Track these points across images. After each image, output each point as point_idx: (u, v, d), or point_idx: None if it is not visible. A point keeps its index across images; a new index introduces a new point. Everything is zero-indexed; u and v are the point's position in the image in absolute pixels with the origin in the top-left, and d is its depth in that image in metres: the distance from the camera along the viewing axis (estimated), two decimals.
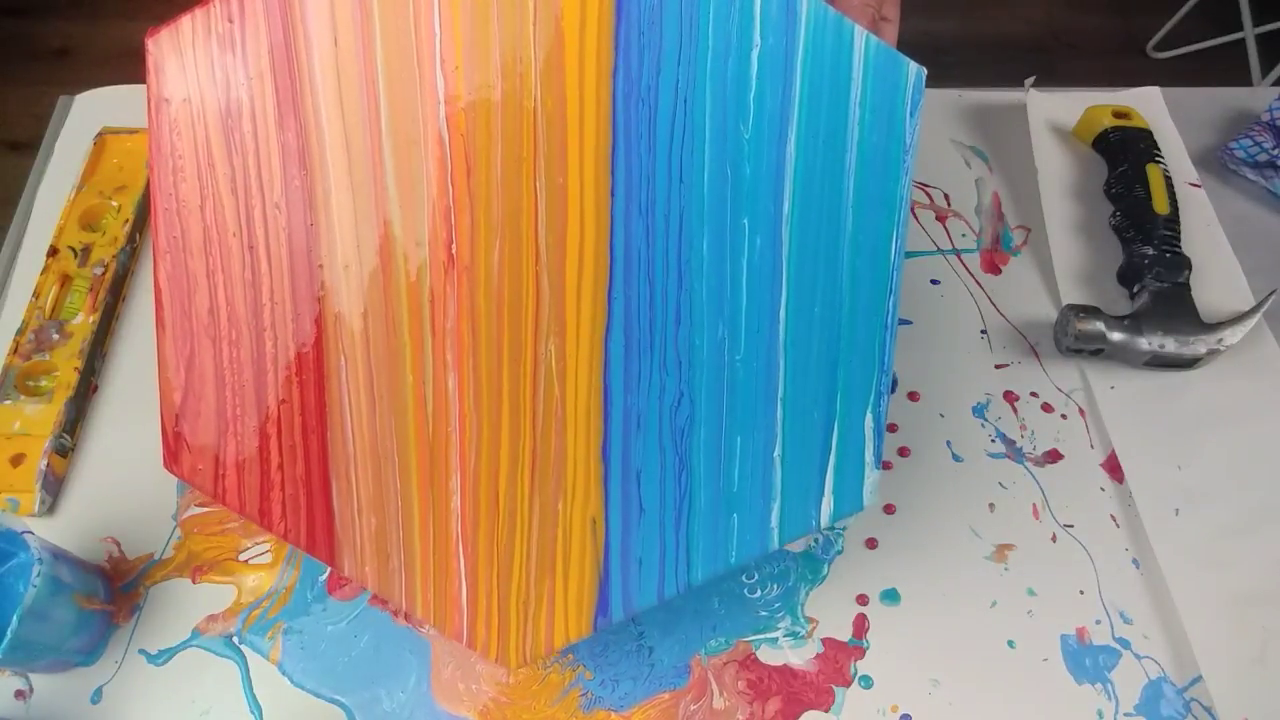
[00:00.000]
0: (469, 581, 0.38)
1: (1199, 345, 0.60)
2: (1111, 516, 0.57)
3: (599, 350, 0.38)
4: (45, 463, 0.54)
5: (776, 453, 0.39)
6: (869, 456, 0.40)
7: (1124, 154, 0.68)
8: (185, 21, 0.37)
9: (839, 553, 0.55)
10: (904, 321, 0.64)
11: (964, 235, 0.69)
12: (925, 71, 0.39)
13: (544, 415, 0.38)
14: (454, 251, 0.37)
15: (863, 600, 0.54)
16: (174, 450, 0.39)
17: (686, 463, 0.38)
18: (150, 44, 0.38)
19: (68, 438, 0.56)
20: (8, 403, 0.57)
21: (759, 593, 0.54)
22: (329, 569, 0.53)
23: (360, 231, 0.38)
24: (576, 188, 0.37)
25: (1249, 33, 1.83)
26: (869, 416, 0.39)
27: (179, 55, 0.37)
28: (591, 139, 0.37)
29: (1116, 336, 0.60)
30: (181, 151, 0.38)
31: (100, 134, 0.68)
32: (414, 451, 0.38)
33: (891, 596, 0.54)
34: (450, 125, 0.37)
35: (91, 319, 0.60)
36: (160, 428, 0.39)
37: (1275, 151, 0.70)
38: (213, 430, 0.39)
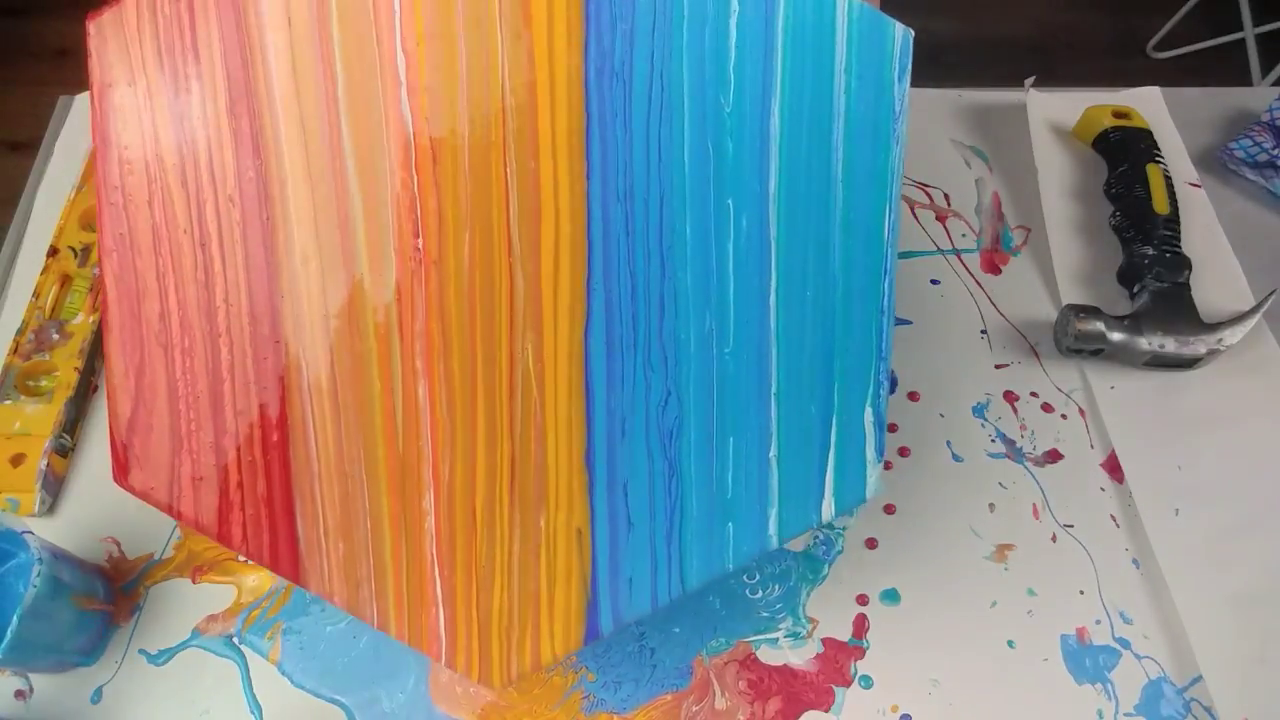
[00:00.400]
0: (446, 607, 0.35)
1: (1199, 345, 0.60)
2: (1111, 516, 0.57)
3: (579, 348, 0.35)
4: (45, 463, 0.54)
5: (772, 453, 0.37)
6: (870, 453, 0.37)
7: (1124, 154, 0.68)
8: (129, 3, 0.35)
9: (839, 553, 0.55)
10: (904, 321, 0.64)
11: (964, 235, 0.69)
12: (912, 33, 0.36)
13: (522, 422, 0.35)
14: (420, 245, 0.35)
15: (863, 600, 0.54)
16: (124, 464, 0.36)
17: (676, 468, 0.36)
18: (91, 27, 0.35)
19: (68, 438, 0.56)
20: (8, 403, 0.57)
21: (760, 593, 0.54)
22: None
23: (320, 224, 0.35)
24: (550, 173, 0.34)
25: (1249, 33, 1.83)
26: (869, 410, 0.37)
27: (123, 39, 0.34)
28: (564, 119, 0.34)
29: (1116, 336, 0.60)
30: (127, 142, 0.35)
31: None
32: (384, 467, 0.36)
33: (891, 596, 0.54)
34: (413, 107, 0.34)
35: (91, 319, 0.60)
36: (109, 440, 0.36)
37: (1275, 151, 0.70)
38: (166, 445, 0.36)
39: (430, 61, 0.34)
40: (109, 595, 0.51)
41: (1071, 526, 0.57)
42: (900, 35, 0.36)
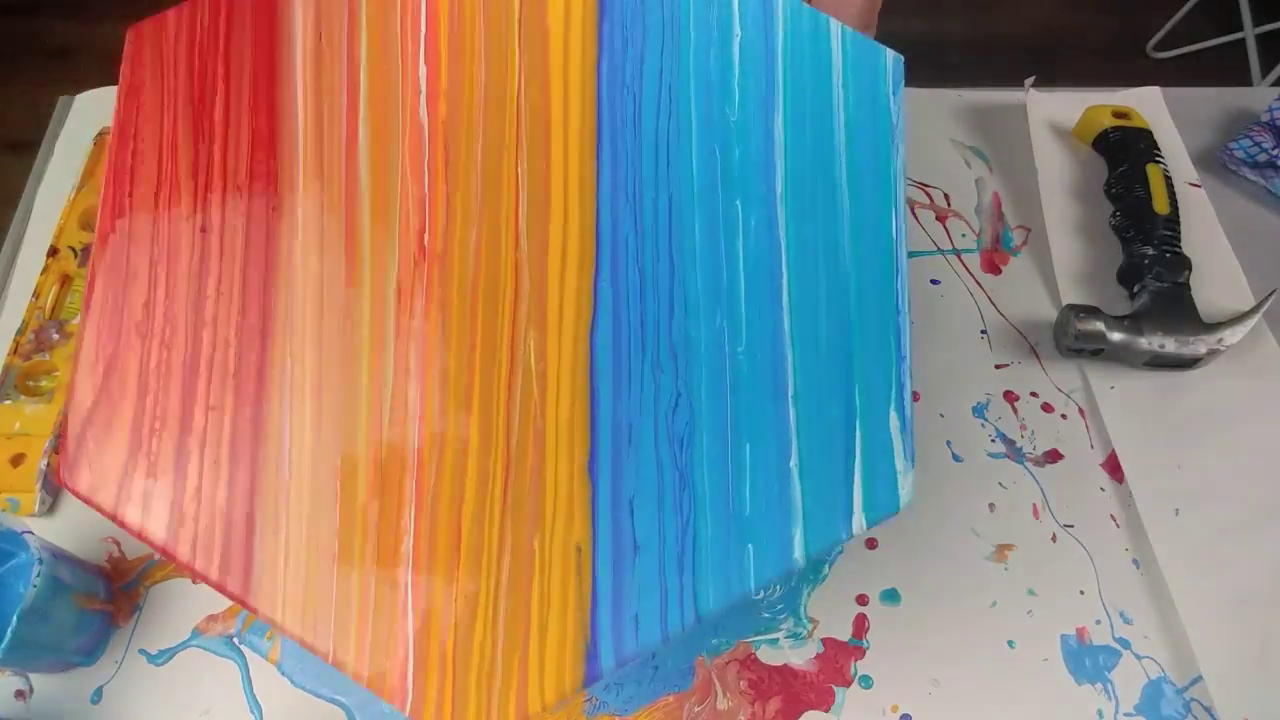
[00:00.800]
0: (417, 646, 0.31)
1: (1199, 345, 0.60)
2: (1111, 516, 0.57)
3: (584, 346, 0.34)
4: (45, 463, 0.54)
5: (793, 462, 0.34)
6: (900, 461, 0.35)
7: (1124, 154, 0.68)
8: (170, 15, 0.36)
9: (839, 553, 0.55)
10: None
11: (964, 235, 0.69)
12: (902, 59, 0.37)
13: (520, 425, 0.33)
14: (426, 242, 0.34)
15: (863, 600, 0.54)
16: (72, 461, 0.34)
17: (688, 480, 0.33)
18: (130, 34, 0.36)
19: None
20: (8, 403, 0.57)
21: (761, 594, 0.54)
22: None
23: (327, 217, 0.35)
24: (560, 172, 0.35)
25: (1249, 33, 1.83)
26: (893, 414, 0.35)
27: (159, 46, 0.36)
28: (576, 126, 0.35)
29: (1116, 336, 0.60)
30: (144, 135, 0.35)
31: (100, 134, 0.68)
32: (362, 479, 0.33)
33: (891, 596, 0.54)
34: (430, 113, 0.35)
35: None
36: (60, 432, 0.35)
37: (1275, 151, 0.70)
38: (123, 445, 0.34)
39: (450, 71, 0.35)
40: (109, 595, 0.51)
41: (1071, 526, 0.57)
42: (891, 60, 0.37)
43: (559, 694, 0.31)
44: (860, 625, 0.53)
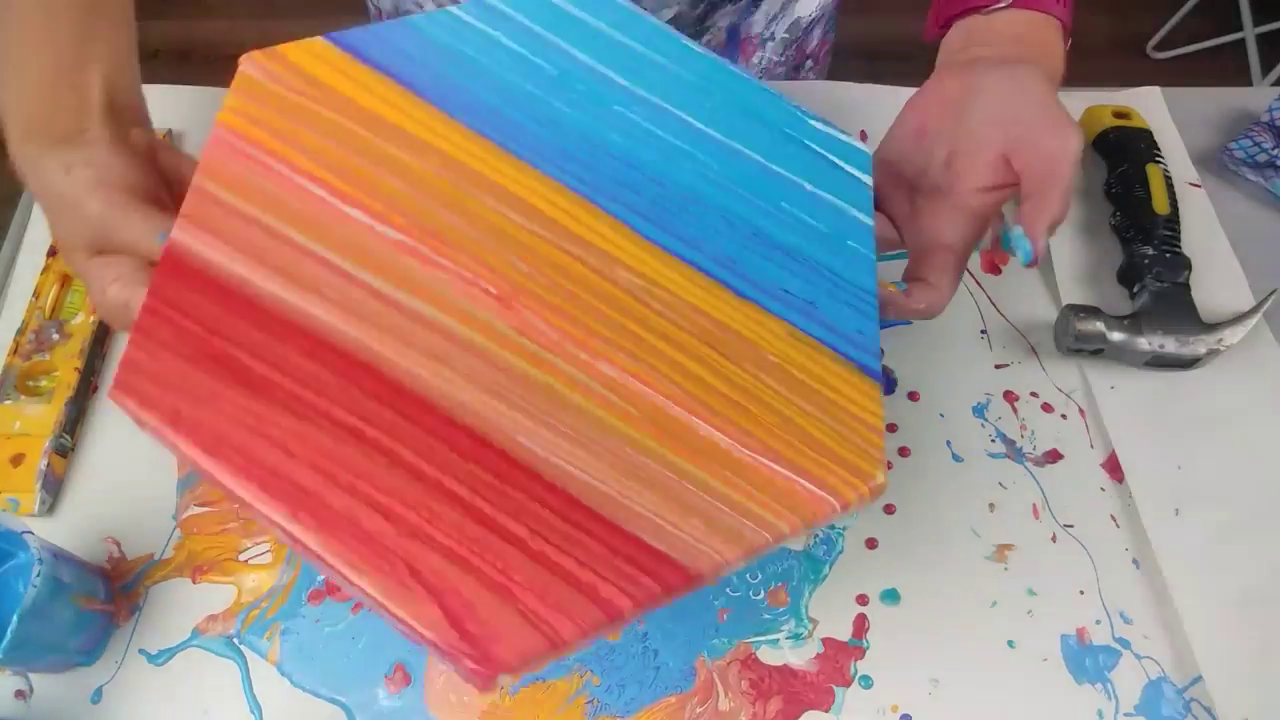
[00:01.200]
0: (802, 475, 0.38)
1: (1199, 345, 0.60)
2: (1111, 516, 0.57)
3: (649, 246, 0.42)
4: (45, 463, 0.54)
5: (809, 187, 0.46)
6: (834, 130, 0.48)
7: (1124, 154, 0.68)
8: (126, 359, 0.35)
9: (839, 553, 0.55)
10: (903, 321, 0.64)
11: None
12: None
13: (678, 318, 0.41)
14: (493, 290, 0.39)
15: (863, 600, 0.54)
16: (482, 654, 0.33)
17: (788, 248, 0.44)
18: (113, 397, 0.35)
19: (68, 438, 0.56)
20: (8, 403, 0.57)
21: (763, 593, 0.54)
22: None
23: (427, 346, 0.37)
24: (515, 184, 0.42)
25: (1249, 33, 1.84)
26: (809, 121, 0.48)
27: (159, 380, 0.35)
28: (507, 161, 0.43)
29: (1116, 336, 0.60)
30: (235, 444, 0.35)
31: None
32: (647, 430, 0.38)
33: (891, 596, 0.54)
34: (394, 227, 0.40)
35: (92, 319, 0.60)
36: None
37: (1275, 151, 0.70)
38: (514, 619, 0.34)
39: (367, 195, 0.40)
40: (109, 595, 0.51)
41: (1071, 526, 0.57)
42: None
43: (873, 398, 0.41)
44: (860, 625, 0.53)
